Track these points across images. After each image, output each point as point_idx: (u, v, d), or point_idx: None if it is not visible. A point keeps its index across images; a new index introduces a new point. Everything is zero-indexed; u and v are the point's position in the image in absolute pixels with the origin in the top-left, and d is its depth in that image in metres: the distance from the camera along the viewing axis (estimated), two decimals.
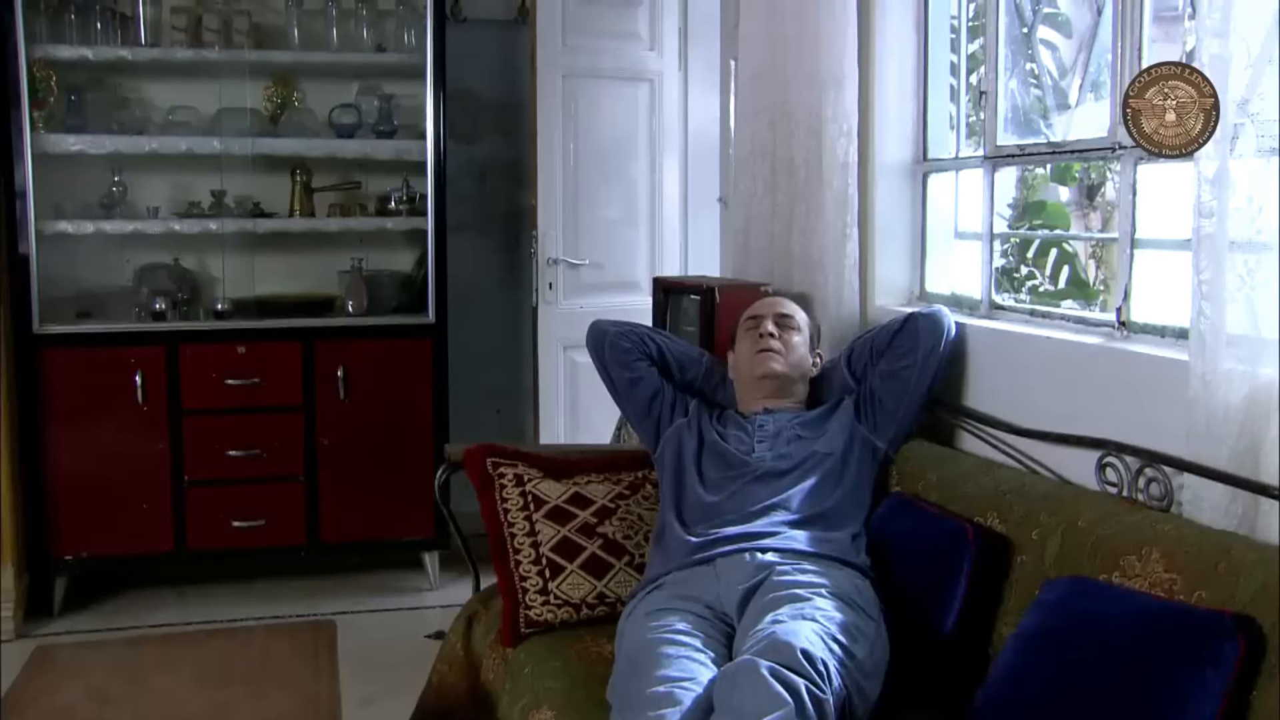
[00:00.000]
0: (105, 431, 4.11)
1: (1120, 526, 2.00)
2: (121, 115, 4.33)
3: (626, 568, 2.62)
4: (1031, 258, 4.62)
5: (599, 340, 2.87)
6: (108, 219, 4.24)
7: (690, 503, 2.55)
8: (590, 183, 4.49)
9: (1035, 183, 4.62)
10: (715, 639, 2.15)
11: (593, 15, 4.42)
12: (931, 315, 2.65)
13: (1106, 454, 2.23)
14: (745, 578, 2.25)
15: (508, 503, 2.67)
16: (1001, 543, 2.24)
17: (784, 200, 3.23)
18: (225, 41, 4.27)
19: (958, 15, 3.19)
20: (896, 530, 2.46)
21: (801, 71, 3.12)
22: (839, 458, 2.56)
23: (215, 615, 4.03)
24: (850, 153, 3.06)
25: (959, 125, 3.20)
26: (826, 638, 2.00)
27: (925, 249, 3.20)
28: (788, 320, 2.79)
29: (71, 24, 4.12)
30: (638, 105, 4.57)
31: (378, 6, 4.46)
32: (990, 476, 2.42)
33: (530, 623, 2.55)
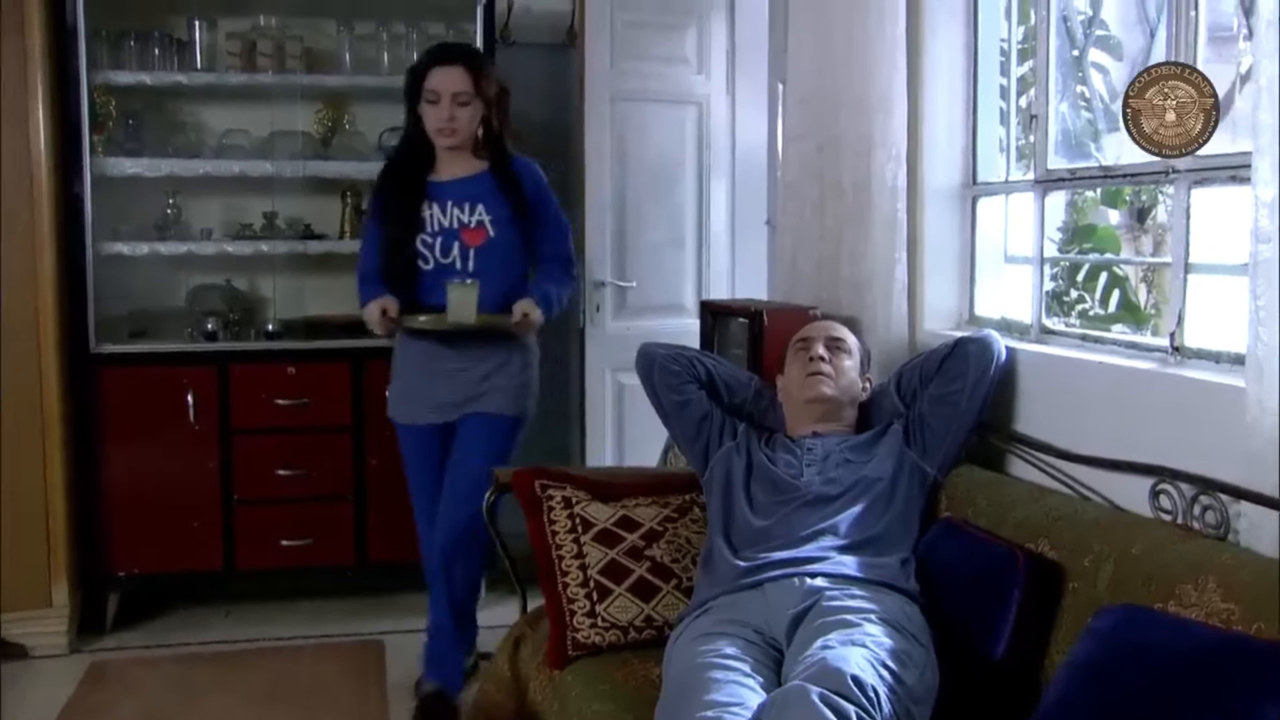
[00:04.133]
0: (157, 450, 4.16)
1: (1175, 555, 1.98)
2: (177, 139, 4.41)
3: (674, 591, 2.62)
4: (1081, 281, 4.59)
5: (648, 363, 2.88)
6: (162, 240, 4.31)
7: (738, 527, 2.54)
8: (638, 205, 4.50)
9: (1085, 206, 4.59)
10: (764, 664, 2.14)
11: (641, 39, 4.45)
12: (981, 340, 2.63)
13: (1160, 481, 2.21)
14: (794, 602, 2.24)
15: (556, 525, 2.68)
16: (1053, 569, 2.21)
17: (832, 224, 3.22)
18: (278, 66, 4.33)
19: (1007, 38, 3.18)
20: (945, 556, 2.44)
21: (850, 95, 3.12)
22: (888, 482, 2.54)
23: (263, 634, 4.06)
24: (899, 176, 3.06)
25: (1009, 149, 3.19)
26: (876, 664, 1.99)
27: (974, 273, 3.19)
28: (839, 344, 2.79)
29: (131, 50, 4.21)
30: (685, 128, 4.58)
31: (428, 31, 4.51)
32: (1041, 502, 2.40)
33: (578, 645, 2.55)
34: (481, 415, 3.41)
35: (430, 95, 3.31)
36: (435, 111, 3.32)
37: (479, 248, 3.38)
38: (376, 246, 3.44)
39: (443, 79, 3.31)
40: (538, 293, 3.39)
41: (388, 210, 3.43)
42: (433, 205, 3.38)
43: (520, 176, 3.43)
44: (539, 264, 3.52)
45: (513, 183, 3.41)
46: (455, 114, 3.31)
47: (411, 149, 3.46)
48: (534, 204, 3.45)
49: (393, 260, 3.38)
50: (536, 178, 3.51)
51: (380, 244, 3.43)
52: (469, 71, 3.32)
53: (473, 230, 3.39)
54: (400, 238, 3.37)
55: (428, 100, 3.32)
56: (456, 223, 3.38)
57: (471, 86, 3.32)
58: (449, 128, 3.33)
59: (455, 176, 3.42)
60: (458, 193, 3.40)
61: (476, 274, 3.34)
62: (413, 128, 3.44)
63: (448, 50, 3.43)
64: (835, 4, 3.16)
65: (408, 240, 3.37)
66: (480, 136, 3.42)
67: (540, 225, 3.48)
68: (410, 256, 3.37)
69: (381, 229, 3.44)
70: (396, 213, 3.40)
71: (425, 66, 3.35)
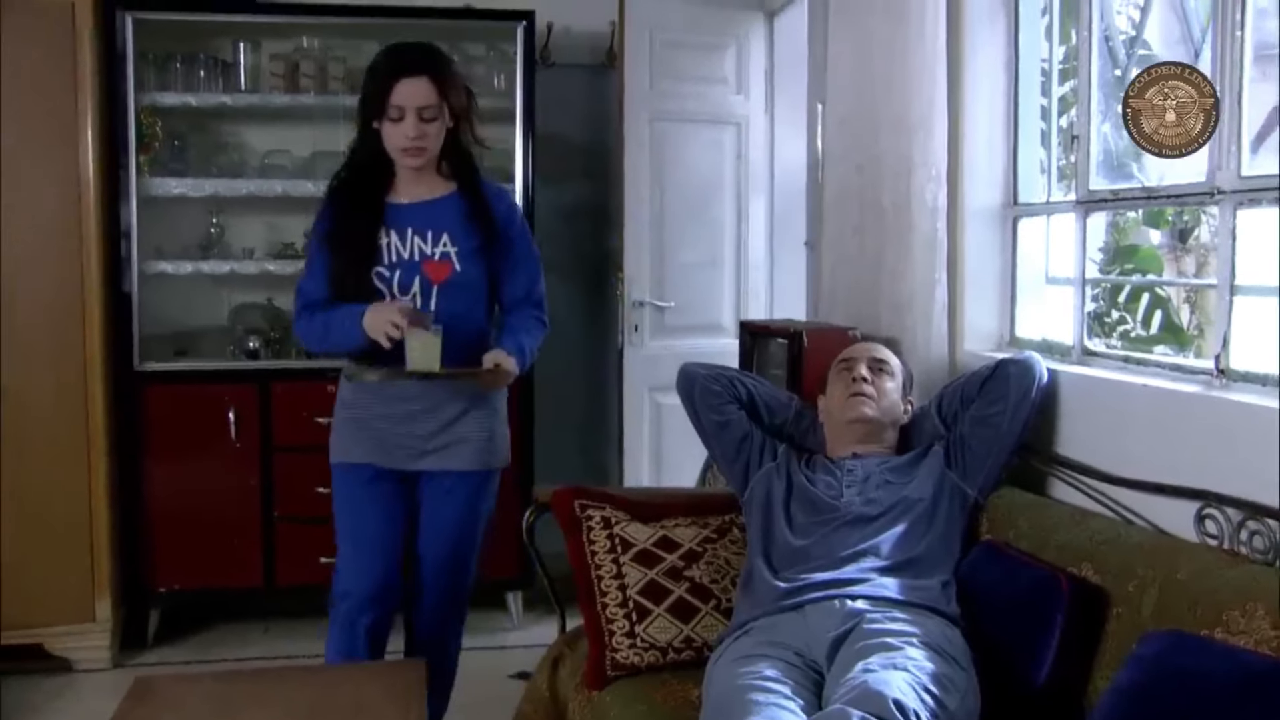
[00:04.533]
0: (199, 467, 4.20)
1: (1222, 580, 1.95)
2: (220, 159, 4.47)
3: (713, 612, 2.62)
4: (1123, 302, 4.54)
5: (689, 383, 2.88)
6: (205, 259, 4.36)
7: (778, 547, 2.54)
8: (676, 225, 4.51)
9: (1127, 226, 4.55)
10: (804, 686, 2.14)
11: (680, 59, 4.47)
12: (1023, 361, 2.62)
13: (1206, 505, 2.18)
14: (835, 625, 2.24)
15: (595, 545, 2.69)
16: (1096, 594, 2.20)
17: (872, 244, 3.22)
18: (321, 87, 4.38)
19: (1048, 58, 3.17)
20: (987, 579, 2.42)
21: (890, 115, 3.11)
22: (929, 504, 2.53)
23: (302, 650, 4.07)
24: (939, 197, 3.05)
25: (1050, 169, 3.18)
26: (918, 688, 1.98)
27: (1015, 294, 3.17)
28: (882, 366, 2.78)
29: (177, 72, 4.27)
30: (724, 148, 4.60)
31: (469, 52, 4.55)
32: (1084, 526, 2.38)
33: (617, 665, 2.55)
34: (448, 474, 3.00)
35: (393, 111, 2.84)
36: (399, 129, 2.85)
37: (443, 284, 2.92)
38: (325, 276, 2.95)
39: (407, 92, 2.83)
40: (511, 344, 2.93)
41: (338, 235, 2.94)
42: (390, 232, 2.91)
43: (491, 201, 3.00)
44: (508, 308, 3.07)
45: (483, 208, 2.97)
46: (423, 131, 2.86)
47: (365, 164, 2.98)
48: (505, 235, 3.00)
49: (343, 294, 2.91)
50: (509, 204, 3.11)
51: (329, 274, 2.94)
52: (435, 81, 2.86)
53: (436, 264, 2.93)
54: (353, 269, 2.90)
55: (390, 117, 2.86)
56: (418, 254, 2.92)
57: (439, 98, 2.86)
58: (415, 147, 2.87)
59: (417, 199, 2.96)
60: (420, 218, 2.94)
61: (440, 315, 2.89)
62: (367, 140, 2.96)
63: (409, 57, 2.89)
64: (875, 24, 3.16)
65: (362, 272, 2.90)
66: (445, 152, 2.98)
67: (511, 261, 3.03)
68: (364, 291, 2.89)
69: (330, 257, 2.95)
70: (348, 239, 2.92)
71: (386, 77, 2.86)
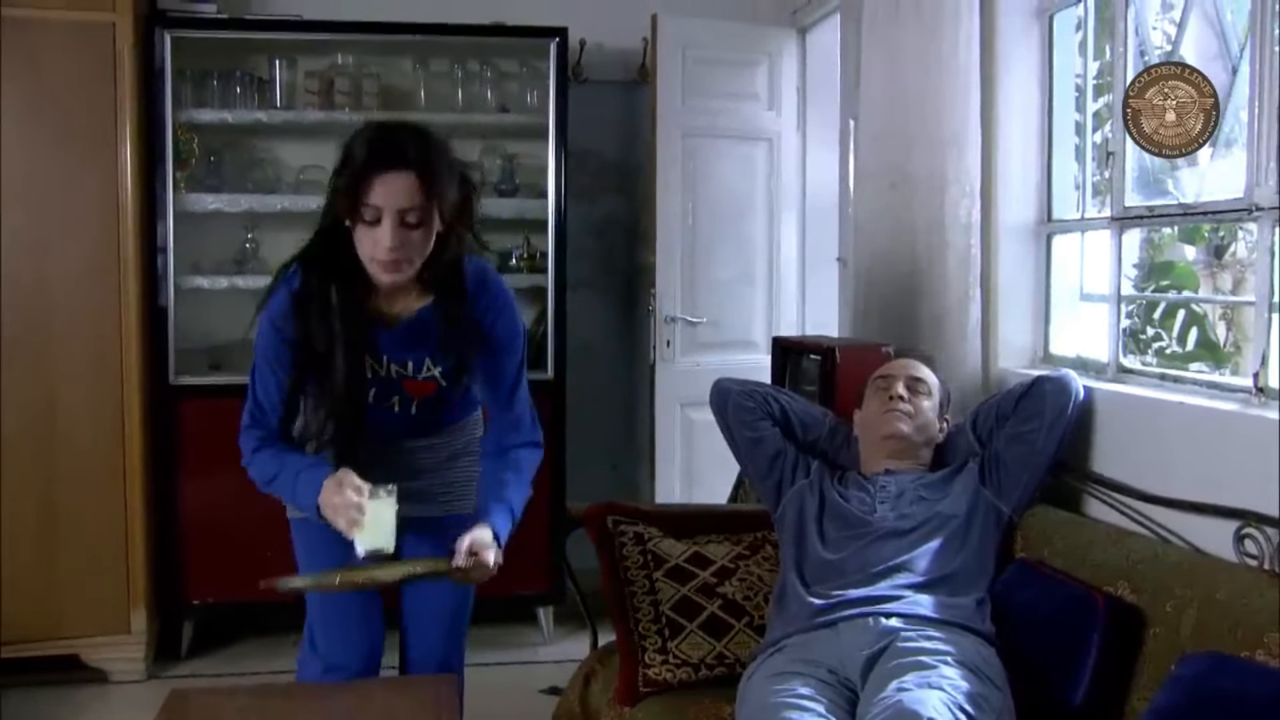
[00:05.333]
0: (232, 480, 4.14)
1: (1263, 601, 1.93)
2: (255, 175, 4.50)
3: (746, 629, 2.61)
4: (1158, 319, 4.51)
5: (723, 399, 2.88)
6: (240, 274, 4.39)
7: (811, 562, 2.53)
8: (708, 241, 4.52)
9: (1162, 242, 4.52)
10: (838, 704, 2.13)
11: (712, 76, 4.48)
12: (1059, 379, 2.60)
13: (1245, 524, 2.16)
14: (869, 643, 2.23)
15: (628, 560, 2.69)
16: (1133, 614, 2.18)
17: (905, 261, 3.21)
18: (355, 104, 4.41)
19: (1082, 73, 3.16)
20: (1022, 597, 2.41)
21: (924, 132, 3.11)
22: (963, 521, 2.52)
23: None
24: (973, 214, 3.05)
25: (1084, 185, 3.16)
26: (954, 707, 1.96)
27: (1049, 311, 3.16)
28: (919, 385, 2.77)
29: (214, 90, 4.32)
30: (756, 164, 4.60)
31: (501, 69, 4.58)
32: (1120, 545, 2.36)
33: (649, 682, 2.55)
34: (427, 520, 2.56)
35: (368, 213, 2.22)
36: (373, 235, 2.23)
37: (428, 398, 2.50)
38: (282, 392, 2.42)
39: (387, 192, 2.21)
40: (499, 514, 2.40)
41: (301, 354, 2.37)
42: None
43: (479, 312, 2.43)
44: (501, 447, 2.53)
45: (471, 324, 2.41)
46: (405, 239, 2.24)
47: (333, 266, 2.34)
48: (489, 337, 2.45)
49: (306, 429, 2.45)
50: (500, 308, 2.47)
51: (286, 390, 2.42)
52: (424, 178, 2.23)
53: (419, 383, 2.47)
54: (327, 404, 2.38)
55: (364, 219, 2.23)
56: (397, 375, 2.45)
57: (426, 198, 2.23)
58: (393, 259, 2.25)
59: (393, 316, 2.42)
60: (397, 344, 2.43)
61: (423, 421, 2.52)
62: (335, 237, 2.32)
63: (392, 145, 2.24)
64: (907, 39, 3.16)
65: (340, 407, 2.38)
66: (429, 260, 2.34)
67: (500, 379, 2.50)
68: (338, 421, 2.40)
69: (290, 374, 2.40)
70: (317, 358, 2.35)
71: (363, 170, 2.22)
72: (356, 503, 2.25)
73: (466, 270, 2.42)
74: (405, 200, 2.21)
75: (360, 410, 2.40)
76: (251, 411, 2.48)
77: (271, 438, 2.47)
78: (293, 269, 2.39)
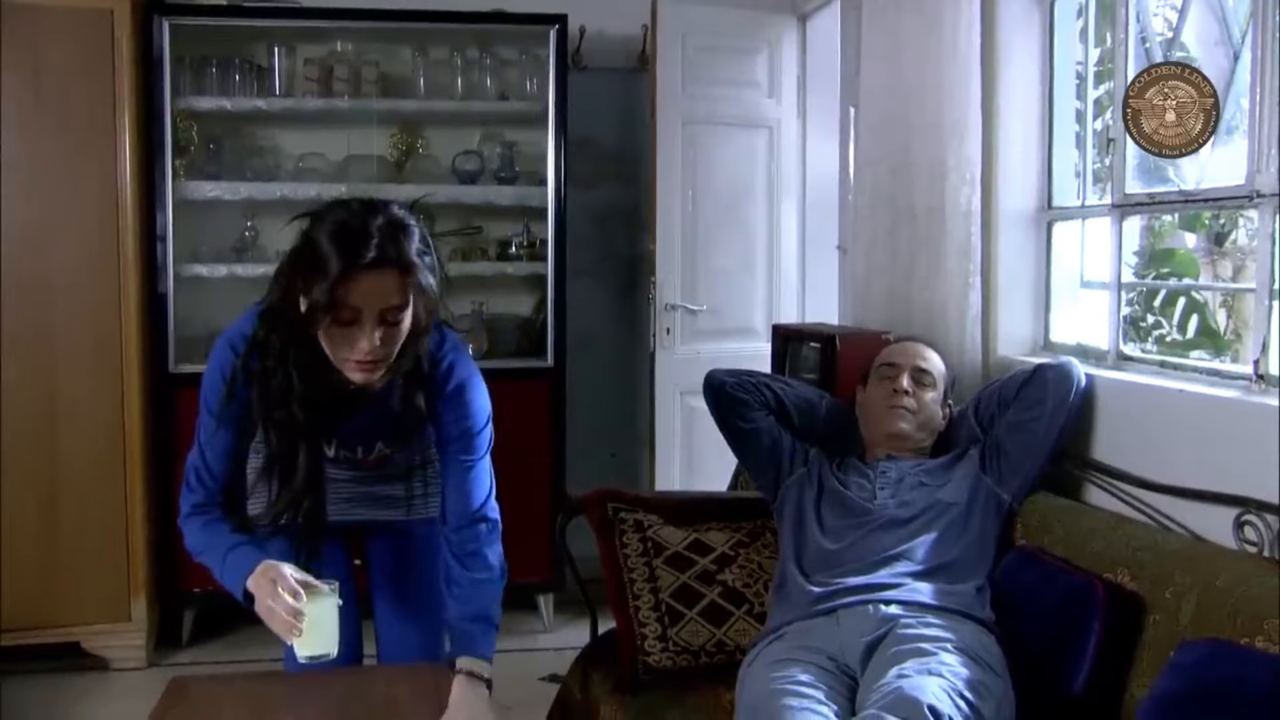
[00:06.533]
0: None
1: (1263, 588, 1.93)
2: (255, 163, 4.49)
3: (746, 616, 2.62)
4: (1159, 306, 4.52)
5: (715, 391, 2.86)
6: (239, 262, 4.38)
7: (810, 551, 2.53)
8: (708, 229, 4.52)
9: (1162, 230, 4.52)
10: (838, 691, 2.13)
11: (712, 63, 4.47)
12: (1061, 367, 2.60)
13: (1245, 512, 2.16)
14: (869, 630, 2.23)
15: (627, 548, 2.69)
16: (1133, 601, 2.18)
17: (905, 249, 3.21)
18: (354, 91, 4.41)
19: (1083, 61, 3.15)
20: (1022, 584, 2.41)
21: (924, 119, 3.10)
22: (963, 508, 2.52)
23: None
24: (973, 201, 3.04)
25: (1084, 172, 3.16)
26: (953, 694, 1.97)
27: (1050, 298, 3.16)
28: (924, 376, 2.76)
29: (213, 77, 4.31)
30: (756, 152, 4.60)
31: (501, 56, 4.57)
32: (1120, 532, 2.36)
33: (649, 669, 2.56)
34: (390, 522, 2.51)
35: (346, 313, 1.99)
36: (349, 335, 2.01)
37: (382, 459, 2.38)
38: (229, 456, 2.23)
39: (368, 292, 1.98)
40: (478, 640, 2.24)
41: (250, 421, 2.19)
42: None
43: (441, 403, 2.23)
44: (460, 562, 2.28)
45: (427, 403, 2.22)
46: (385, 336, 2.02)
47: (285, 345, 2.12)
48: (454, 434, 2.26)
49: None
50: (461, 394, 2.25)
51: (233, 453, 2.24)
52: (404, 274, 2.00)
53: (371, 459, 2.38)
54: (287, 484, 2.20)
55: (340, 320, 1.99)
56: (345, 458, 2.36)
57: (405, 293, 2.02)
58: (370, 360, 2.03)
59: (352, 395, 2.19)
60: (354, 432, 2.30)
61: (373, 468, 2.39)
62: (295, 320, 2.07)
63: (365, 241, 1.97)
64: (908, 27, 3.16)
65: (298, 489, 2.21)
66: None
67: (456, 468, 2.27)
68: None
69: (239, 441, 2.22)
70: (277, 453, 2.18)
71: (341, 271, 1.96)
72: (294, 608, 2.02)
73: (440, 366, 2.22)
74: (386, 298, 2.00)
75: (321, 504, 2.24)
76: (197, 469, 2.24)
77: (210, 504, 2.25)
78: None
